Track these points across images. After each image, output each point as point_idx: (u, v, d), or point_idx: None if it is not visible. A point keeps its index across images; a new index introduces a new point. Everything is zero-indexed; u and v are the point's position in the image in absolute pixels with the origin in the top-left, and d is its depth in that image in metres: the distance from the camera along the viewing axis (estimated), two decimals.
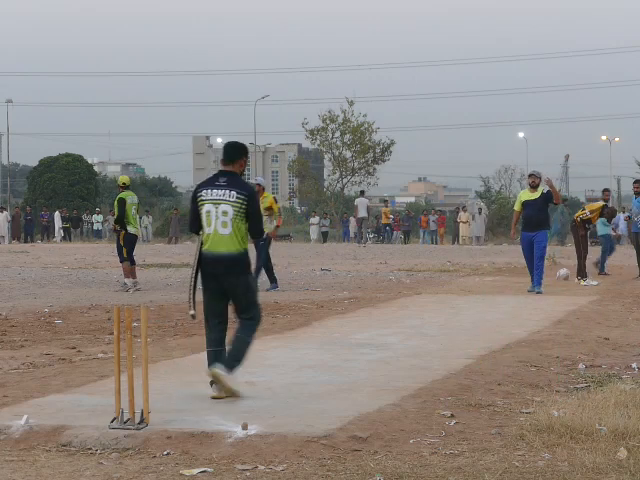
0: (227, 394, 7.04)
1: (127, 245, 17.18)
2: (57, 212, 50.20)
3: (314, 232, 50.36)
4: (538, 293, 15.59)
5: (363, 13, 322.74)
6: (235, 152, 7.38)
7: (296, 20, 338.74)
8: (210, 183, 7.30)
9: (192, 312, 7.25)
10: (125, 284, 17.18)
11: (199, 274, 7.24)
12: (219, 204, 7.18)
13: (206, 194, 7.23)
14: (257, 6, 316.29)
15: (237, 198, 7.16)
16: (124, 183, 17.59)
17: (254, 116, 68.41)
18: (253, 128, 69.15)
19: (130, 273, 17.23)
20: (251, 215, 7.22)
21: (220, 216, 7.16)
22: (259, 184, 16.80)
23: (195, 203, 7.31)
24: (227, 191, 7.17)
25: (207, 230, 7.20)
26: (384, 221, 49.29)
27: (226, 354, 7.17)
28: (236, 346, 7.20)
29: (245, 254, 7.26)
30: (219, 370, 7.02)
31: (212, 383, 7.13)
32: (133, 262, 17.35)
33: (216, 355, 7.16)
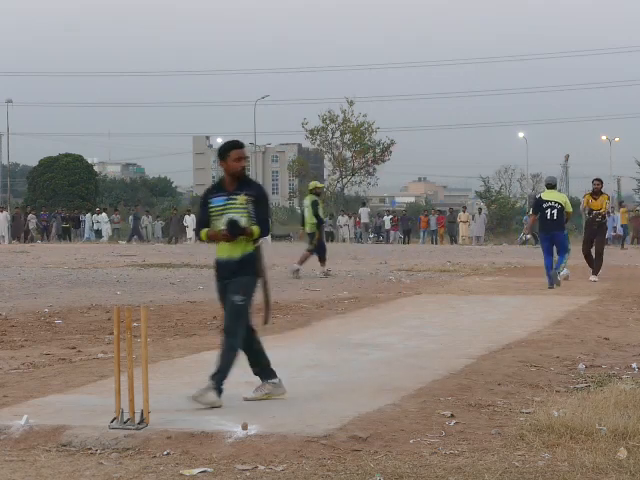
0: None
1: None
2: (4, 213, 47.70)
3: (345, 232, 50.98)
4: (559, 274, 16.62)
5: (363, 13, 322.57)
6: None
7: (296, 20, 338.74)
8: None
9: None
10: (298, 270, 19.95)
11: None
12: None
13: None
14: (257, 6, 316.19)
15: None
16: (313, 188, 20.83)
17: (254, 116, 68.43)
18: (253, 128, 69.16)
19: (303, 260, 20.29)
20: None
21: None
22: None
23: None
24: None
25: None
26: (623, 221, 42.92)
27: None
28: None
29: None
30: None
31: None
32: (314, 253, 20.37)
33: None
